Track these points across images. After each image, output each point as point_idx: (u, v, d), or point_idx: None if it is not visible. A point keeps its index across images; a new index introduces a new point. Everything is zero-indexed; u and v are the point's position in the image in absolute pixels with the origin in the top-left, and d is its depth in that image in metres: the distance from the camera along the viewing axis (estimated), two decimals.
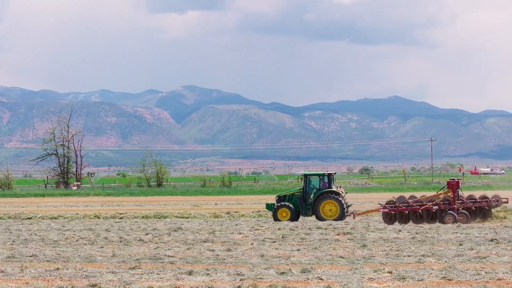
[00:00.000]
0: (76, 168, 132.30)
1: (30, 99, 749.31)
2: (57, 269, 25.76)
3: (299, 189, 50.31)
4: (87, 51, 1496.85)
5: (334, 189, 49.40)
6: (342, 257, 29.06)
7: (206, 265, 27.03)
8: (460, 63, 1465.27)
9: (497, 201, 46.10)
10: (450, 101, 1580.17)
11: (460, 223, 44.10)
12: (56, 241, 36.70)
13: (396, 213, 46.31)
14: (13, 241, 36.59)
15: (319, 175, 50.67)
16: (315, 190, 49.22)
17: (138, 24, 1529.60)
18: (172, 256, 29.71)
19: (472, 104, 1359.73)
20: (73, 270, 25.40)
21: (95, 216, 56.44)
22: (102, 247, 33.59)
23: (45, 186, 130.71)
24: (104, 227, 45.21)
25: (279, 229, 42.51)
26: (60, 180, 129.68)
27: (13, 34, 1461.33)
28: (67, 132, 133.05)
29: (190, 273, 24.64)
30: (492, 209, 46.52)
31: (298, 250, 31.78)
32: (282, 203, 49.32)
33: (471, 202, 46.10)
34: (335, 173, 52.20)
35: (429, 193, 57.78)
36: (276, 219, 48.91)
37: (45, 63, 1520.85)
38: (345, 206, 48.90)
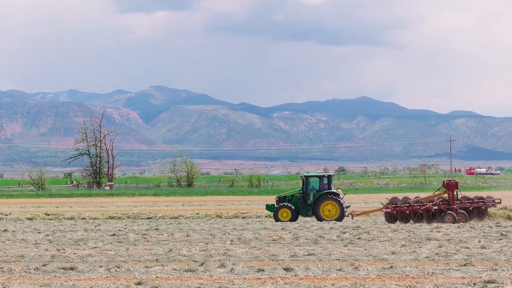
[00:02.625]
0: (108, 168, 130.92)
1: None
2: (390, 267, 25.44)
3: (299, 190, 51.21)
4: (55, 51, 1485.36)
5: (333, 190, 50.27)
6: None
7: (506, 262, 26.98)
8: (427, 64, 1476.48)
9: (493, 201, 47.82)
10: (417, 102, 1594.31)
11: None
12: (275, 240, 36.27)
13: (398, 213, 47.60)
14: (232, 241, 35.98)
15: (318, 176, 51.54)
16: (314, 191, 50.07)
17: (106, 24, 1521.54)
18: (455, 254, 29.50)
19: (440, 105, 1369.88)
20: (413, 268, 25.11)
21: (217, 216, 55.96)
22: (346, 245, 33.25)
23: (77, 186, 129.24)
24: (266, 226, 44.92)
25: (458, 227, 42.76)
26: (92, 180, 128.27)
27: None
28: (99, 132, 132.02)
29: None
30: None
31: None
32: (283, 204, 50.01)
33: (469, 202, 47.77)
34: (333, 175, 53.05)
35: (423, 194, 59.24)
36: (277, 219, 49.54)
37: (13, 63, 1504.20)
38: (344, 207, 49.72)
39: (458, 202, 47.55)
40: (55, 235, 40.13)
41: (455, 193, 47.91)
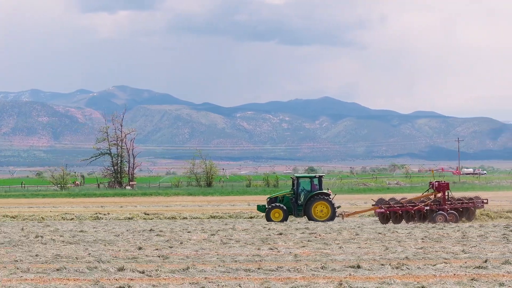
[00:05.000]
0: (129, 167, 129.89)
1: None
2: None
3: (290, 191, 52.09)
4: (17, 50, 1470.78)
5: (324, 191, 51.24)
6: None
7: None
8: (389, 64, 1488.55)
9: (482, 202, 49.24)
10: (380, 102, 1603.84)
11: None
12: (463, 239, 36.86)
13: (391, 213, 48.69)
14: (422, 239, 36.39)
15: (310, 177, 52.43)
16: (305, 191, 50.95)
17: (69, 24, 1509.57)
18: None
19: (402, 105, 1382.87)
20: None
21: None
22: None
23: (98, 186, 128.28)
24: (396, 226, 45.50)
25: None
26: (113, 179, 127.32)
27: None
28: (120, 132, 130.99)
29: None
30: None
31: None
32: (275, 204, 50.81)
33: (459, 203, 48.99)
34: (324, 176, 53.96)
35: (410, 195, 60.41)
36: (269, 219, 50.26)
37: None
38: (335, 207, 50.71)
39: (448, 202, 48.55)
40: (221, 235, 40.08)
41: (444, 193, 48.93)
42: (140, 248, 33.62)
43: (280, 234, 40.16)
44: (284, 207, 50.35)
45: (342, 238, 37.63)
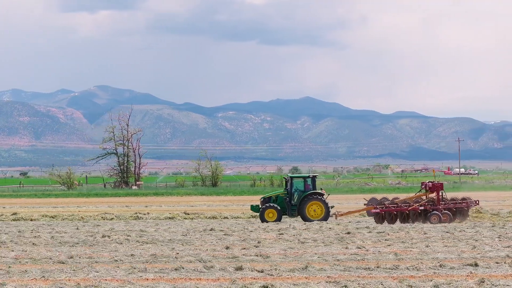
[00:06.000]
0: (135, 167, 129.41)
1: None
2: None
3: (284, 191, 52.43)
4: None
5: (318, 190, 51.64)
6: None
7: None
8: (370, 64, 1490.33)
9: (476, 202, 49.82)
10: (361, 102, 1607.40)
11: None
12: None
13: (386, 213, 49.07)
14: (499, 238, 36.67)
15: (303, 177, 52.79)
16: (299, 191, 51.29)
17: (49, 23, 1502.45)
18: None
19: (383, 105, 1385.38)
20: None
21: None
22: None
23: (104, 186, 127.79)
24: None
25: None
26: (119, 179, 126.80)
27: None
28: (127, 131, 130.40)
29: None
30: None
31: None
32: (269, 204, 51.21)
33: (452, 203, 49.54)
34: (317, 176, 54.31)
35: (402, 195, 60.97)
36: (263, 220, 50.55)
37: None
38: (329, 207, 51.11)
39: (442, 202, 49.01)
40: (289, 234, 40.19)
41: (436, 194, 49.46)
42: (227, 248, 33.57)
43: (348, 233, 40.31)
44: (278, 207, 50.58)
45: (417, 237, 37.79)
